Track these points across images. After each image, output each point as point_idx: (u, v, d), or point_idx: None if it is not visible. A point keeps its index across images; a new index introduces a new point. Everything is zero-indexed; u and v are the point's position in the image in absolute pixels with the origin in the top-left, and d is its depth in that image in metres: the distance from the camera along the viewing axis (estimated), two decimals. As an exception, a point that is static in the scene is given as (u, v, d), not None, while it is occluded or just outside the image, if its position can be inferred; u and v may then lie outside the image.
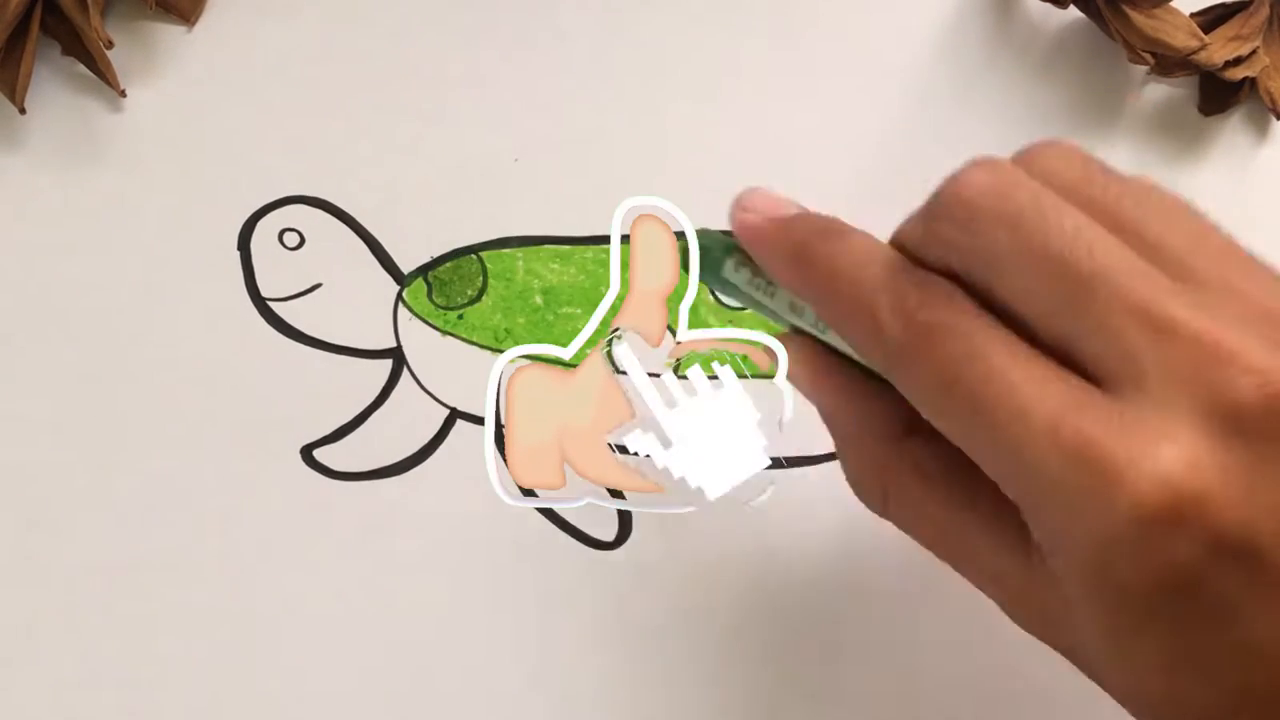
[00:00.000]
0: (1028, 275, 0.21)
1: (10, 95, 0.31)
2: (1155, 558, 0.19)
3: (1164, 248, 0.21)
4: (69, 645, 0.31)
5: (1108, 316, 0.20)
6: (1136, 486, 0.18)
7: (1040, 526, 0.21)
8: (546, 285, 0.33)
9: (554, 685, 0.32)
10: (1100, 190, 0.22)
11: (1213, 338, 0.19)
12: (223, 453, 0.32)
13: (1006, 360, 0.20)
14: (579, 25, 0.33)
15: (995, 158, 0.22)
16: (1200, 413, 0.19)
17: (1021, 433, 0.20)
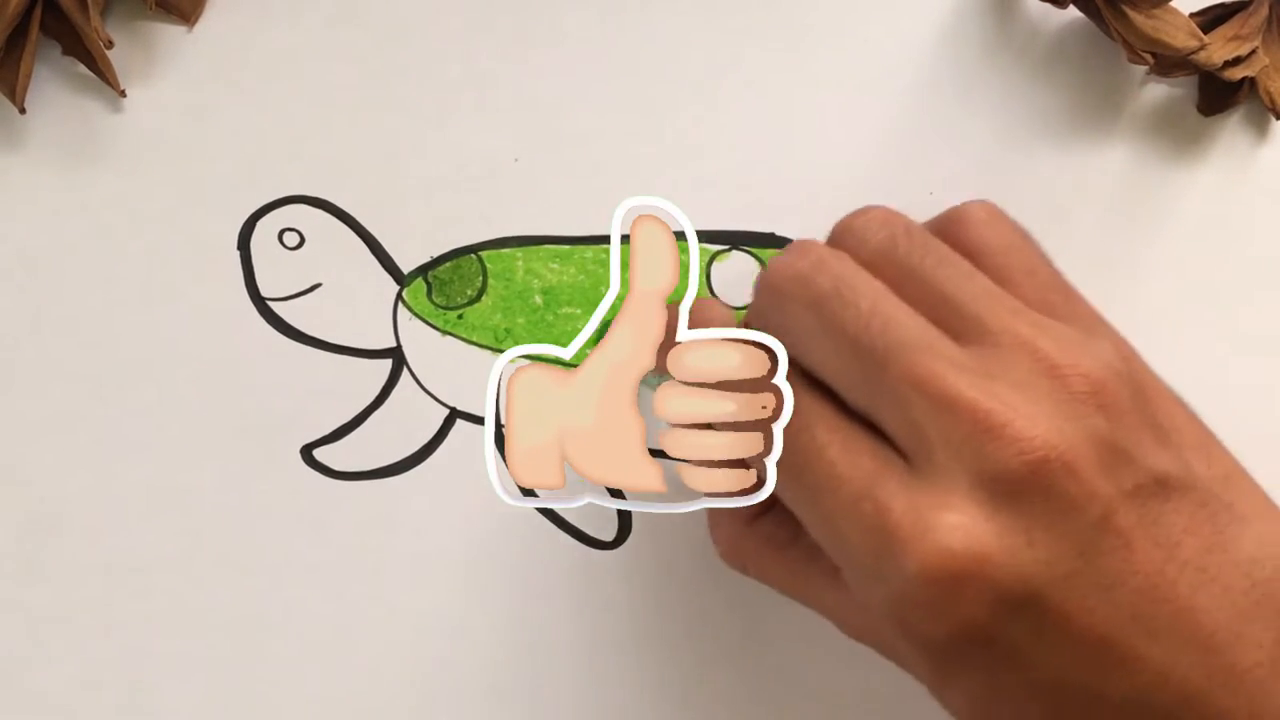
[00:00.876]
0: (832, 354, 0.23)
1: (10, 95, 0.31)
2: (947, 614, 0.21)
3: (959, 307, 0.23)
4: (69, 645, 0.31)
5: (899, 392, 0.22)
6: (921, 551, 0.21)
7: (852, 583, 0.23)
8: (546, 285, 0.33)
9: (553, 685, 0.32)
10: (904, 255, 0.24)
11: (984, 409, 0.21)
12: (223, 453, 0.32)
13: (825, 434, 0.23)
14: (579, 25, 0.33)
15: (808, 242, 0.25)
16: (976, 481, 0.21)
17: (834, 503, 0.22)
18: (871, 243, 0.24)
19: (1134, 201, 0.34)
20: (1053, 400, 0.22)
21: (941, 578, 0.21)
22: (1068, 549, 0.21)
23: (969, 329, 0.23)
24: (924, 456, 0.22)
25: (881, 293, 0.23)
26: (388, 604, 0.32)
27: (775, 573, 0.27)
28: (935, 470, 0.21)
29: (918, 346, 0.22)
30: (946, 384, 0.21)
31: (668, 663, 0.32)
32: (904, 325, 0.22)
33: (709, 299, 0.29)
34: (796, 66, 0.33)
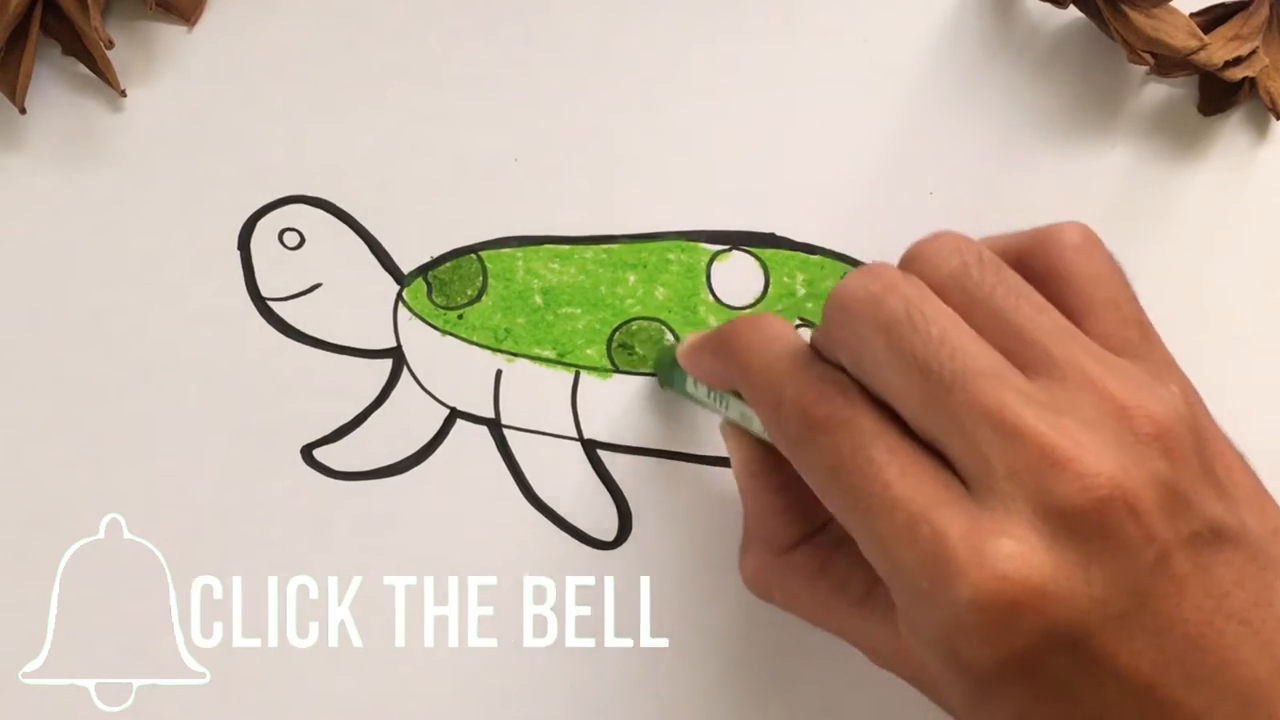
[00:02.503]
0: (899, 377, 0.23)
1: (10, 95, 0.31)
2: (996, 644, 0.21)
3: (1031, 339, 0.23)
4: (70, 645, 0.31)
5: (965, 419, 0.22)
6: (977, 579, 0.21)
7: (901, 607, 0.23)
8: (546, 285, 0.33)
9: (552, 685, 0.32)
10: (975, 284, 0.24)
11: (1050, 442, 0.21)
12: (223, 453, 0.32)
13: (885, 455, 0.23)
14: (579, 25, 0.33)
15: (881, 265, 0.25)
16: (1038, 513, 0.21)
17: (888, 525, 0.22)
18: (944, 269, 0.24)
19: (1134, 201, 0.34)
20: (1118, 440, 0.22)
21: (995, 605, 0.21)
22: (1122, 589, 0.21)
23: (1037, 362, 0.23)
24: (986, 484, 0.22)
25: (952, 320, 0.23)
26: (388, 604, 0.32)
27: (804, 603, 0.27)
28: (996, 498, 0.21)
29: (987, 374, 0.22)
30: (1014, 413, 0.21)
31: (668, 663, 0.32)
32: (973, 354, 0.23)
33: None
34: (797, 66, 0.33)
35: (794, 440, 0.24)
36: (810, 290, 0.33)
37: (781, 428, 0.25)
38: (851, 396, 0.24)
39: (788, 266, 0.33)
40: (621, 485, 0.32)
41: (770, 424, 0.25)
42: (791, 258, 0.33)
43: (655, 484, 0.32)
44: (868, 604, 0.26)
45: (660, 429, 0.33)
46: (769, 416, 0.25)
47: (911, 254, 0.25)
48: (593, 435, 0.32)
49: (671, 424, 0.33)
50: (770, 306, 0.33)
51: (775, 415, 0.25)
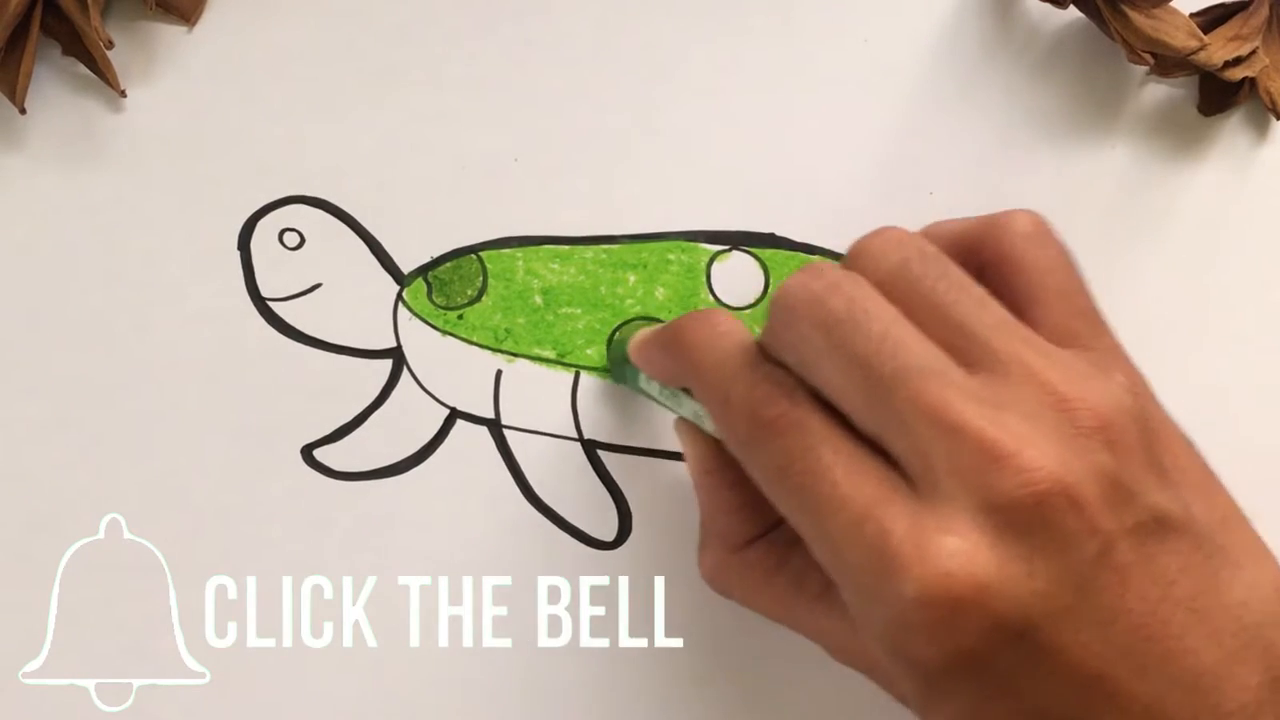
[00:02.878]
0: (842, 376, 0.23)
1: (10, 95, 0.31)
2: (942, 639, 0.21)
3: (973, 334, 0.23)
4: (70, 645, 0.31)
5: (906, 417, 0.22)
6: (921, 576, 0.21)
7: (850, 604, 0.23)
8: (546, 285, 0.33)
9: (552, 685, 0.32)
10: (917, 278, 0.24)
11: (990, 437, 0.21)
12: (223, 453, 0.32)
13: (831, 456, 0.23)
14: (579, 25, 0.33)
15: (823, 263, 0.25)
16: (980, 510, 0.21)
17: (835, 524, 0.22)
18: (885, 265, 0.24)
19: (1134, 201, 0.34)
20: (1059, 433, 0.22)
21: (939, 602, 0.21)
22: (1066, 582, 0.21)
23: (979, 357, 0.23)
24: (929, 482, 0.22)
25: (893, 317, 0.23)
26: (388, 604, 0.32)
27: (761, 599, 0.28)
28: (939, 496, 0.21)
29: (927, 372, 0.22)
30: (954, 411, 0.21)
31: (667, 662, 0.32)
32: (914, 351, 0.23)
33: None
34: (796, 66, 0.33)
35: (742, 441, 0.24)
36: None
37: (730, 428, 0.25)
38: (798, 397, 0.24)
39: (788, 266, 0.33)
40: (621, 485, 0.32)
41: (719, 423, 0.25)
42: (791, 258, 0.33)
43: (655, 484, 0.32)
44: (824, 600, 0.26)
45: (660, 429, 0.33)
46: (718, 416, 0.25)
47: (855, 251, 0.25)
48: (593, 435, 0.32)
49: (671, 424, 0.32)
50: (770, 306, 0.33)
51: (724, 415, 0.25)
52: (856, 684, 0.32)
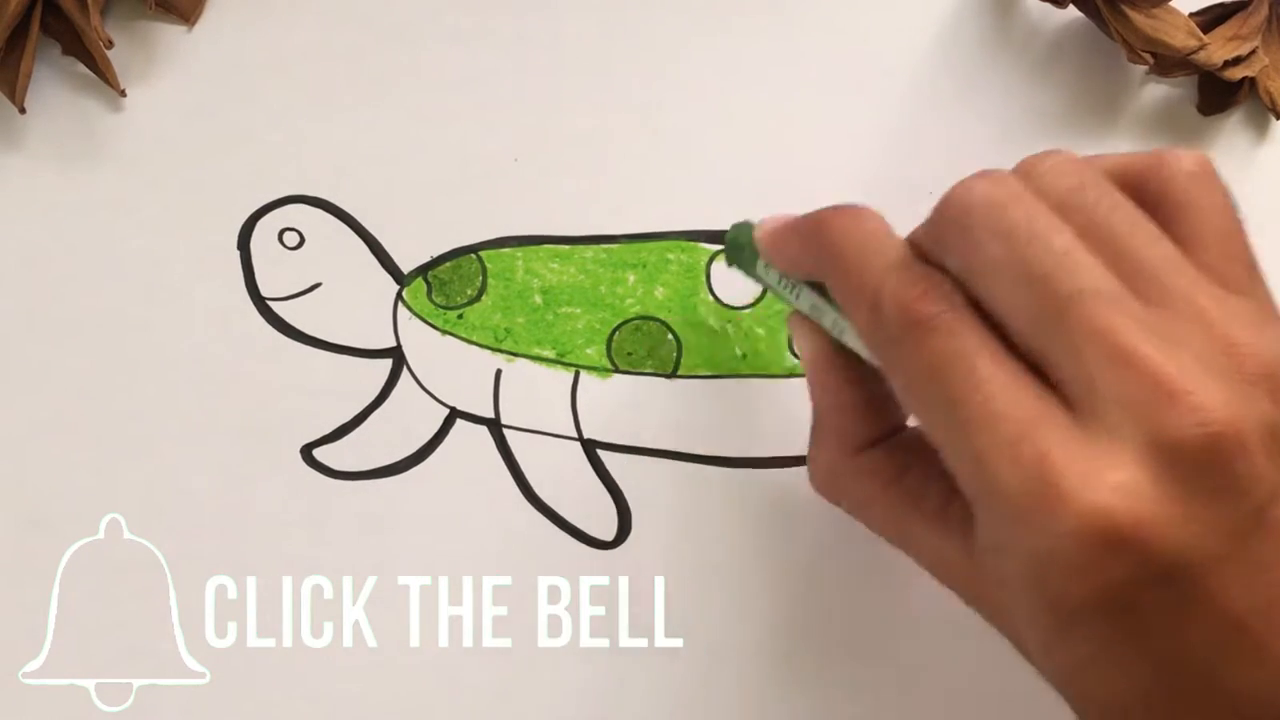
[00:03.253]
0: (1013, 288, 0.22)
1: (10, 95, 0.31)
2: (1091, 576, 0.20)
3: (1145, 268, 0.22)
4: (70, 645, 0.31)
5: (1077, 339, 0.21)
6: (1080, 508, 0.20)
7: (988, 527, 0.22)
8: (546, 285, 0.33)
9: (552, 685, 0.32)
10: (1093, 205, 0.23)
11: (1166, 373, 0.20)
12: (223, 453, 0.32)
13: (988, 366, 0.22)
14: (579, 25, 0.33)
15: (999, 170, 0.23)
16: (1146, 445, 0.20)
17: (987, 440, 0.21)
18: (1061, 186, 0.23)
19: (1134, 201, 0.34)
20: (1228, 377, 0.21)
21: (1097, 537, 0.20)
22: (1224, 529, 0.20)
23: (1149, 291, 0.22)
24: (1092, 410, 0.21)
25: (1073, 237, 0.22)
26: (387, 604, 0.32)
27: (874, 509, 0.26)
28: (1103, 426, 0.21)
29: (1105, 296, 0.21)
30: (1130, 340, 0.21)
31: (667, 662, 0.32)
32: (1093, 273, 0.22)
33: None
34: (796, 66, 0.33)
35: (891, 339, 0.23)
36: (810, 290, 0.33)
37: (878, 325, 0.24)
38: (957, 301, 0.23)
39: (787, 266, 0.33)
40: (621, 485, 0.32)
41: (864, 320, 0.24)
42: (791, 257, 0.33)
43: (655, 484, 0.32)
44: (942, 518, 0.25)
45: (660, 429, 0.33)
46: (863, 312, 0.24)
47: (1026, 168, 0.24)
48: (592, 435, 0.32)
49: (671, 424, 0.33)
50: (770, 306, 0.33)
51: (871, 311, 0.24)
52: (856, 684, 0.32)
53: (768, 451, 0.32)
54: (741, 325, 0.33)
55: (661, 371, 0.33)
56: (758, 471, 0.32)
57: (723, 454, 0.32)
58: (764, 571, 0.32)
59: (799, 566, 0.32)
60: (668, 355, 0.33)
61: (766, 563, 0.32)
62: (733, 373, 0.33)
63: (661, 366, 0.33)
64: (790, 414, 0.33)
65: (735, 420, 0.33)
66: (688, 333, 0.33)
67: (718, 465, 0.32)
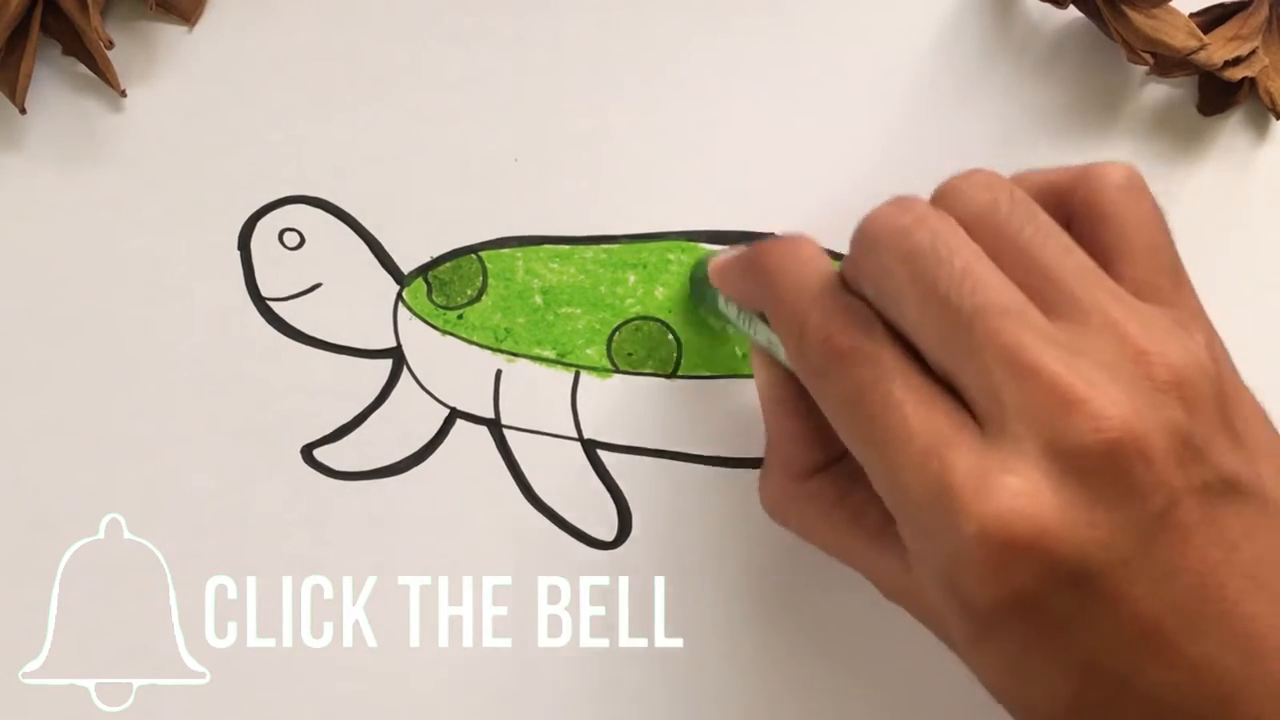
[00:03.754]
0: (920, 309, 0.23)
1: (10, 95, 0.31)
2: (997, 580, 0.21)
3: (1054, 281, 0.23)
4: (70, 645, 0.31)
5: (980, 355, 0.22)
6: (981, 515, 0.21)
7: (907, 538, 0.23)
8: (546, 285, 0.33)
9: (552, 685, 0.32)
10: (1004, 220, 0.24)
11: (1064, 382, 0.21)
12: (223, 453, 0.32)
13: (902, 390, 0.23)
14: (579, 25, 0.33)
15: (909, 196, 0.24)
16: (1047, 453, 0.21)
17: (901, 457, 0.22)
18: (973, 205, 0.24)
19: (1134, 201, 0.34)
20: (1134, 385, 0.21)
21: (998, 542, 0.21)
22: (1128, 533, 0.21)
23: (1060, 304, 0.23)
24: (997, 422, 0.22)
25: (976, 255, 0.23)
26: (387, 604, 0.32)
27: (818, 530, 0.28)
28: (1006, 436, 0.21)
29: (1005, 312, 0.22)
30: (1030, 353, 0.21)
31: (667, 662, 0.32)
32: (995, 289, 0.22)
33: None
34: (796, 66, 0.33)
35: (814, 369, 0.24)
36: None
37: (803, 355, 0.25)
38: (874, 329, 0.24)
39: (788, 266, 0.33)
40: (621, 485, 0.32)
41: (792, 350, 0.25)
42: (791, 258, 0.33)
43: (655, 484, 0.32)
44: (881, 538, 0.26)
45: (660, 429, 0.33)
46: (792, 343, 0.25)
47: (943, 190, 0.25)
48: (592, 435, 0.32)
49: (671, 424, 0.33)
50: (770, 306, 0.33)
51: (798, 342, 0.25)
52: (855, 684, 0.32)
53: (768, 451, 0.32)
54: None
55: (661, 372, 0.33)
56: (758, 472, 0.32)
57: (723, 454, 0.32)
58: (764, 571, 0.32)
59: (799, 567, 0.32)
60: (668, 355, 0.33)
61: (767, 563, 0.32)
62: (733, 373, 0.33)
63: (662, 367, 0.33)
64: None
65: (735, 420, 0.33)
66: (688, 333, 0.33)
67: (718, 465, 0.32)
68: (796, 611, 0.32)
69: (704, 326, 0.33)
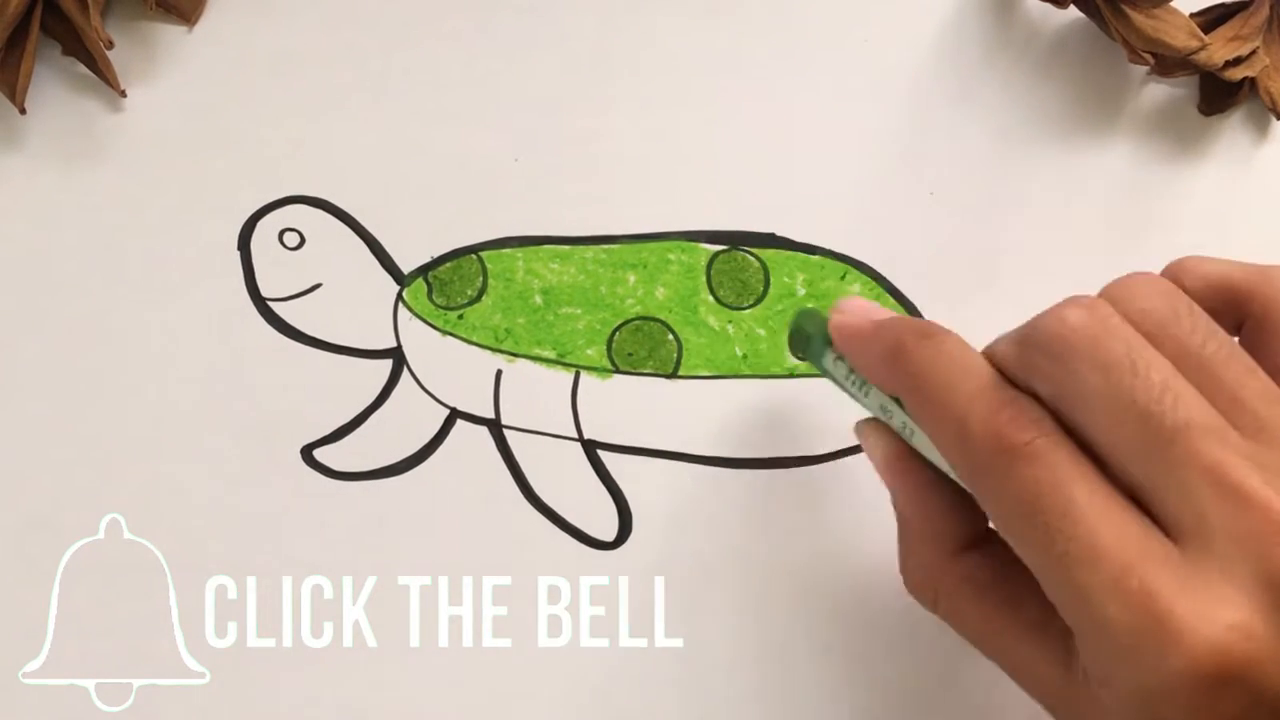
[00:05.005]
0: (1114, 420, 0.22)
1: (10, 95, 0.31)
2: (1204, 713, 0.20)
3: (1241, 399, 0.22)
4: (70, 645, 0.31)
5: (1184, 473, 0.21)
6: (1193, 646, 0.20)
7: (1093, 659, 0.22)
8: (546, 285, 0.33)
9: (552, 685, 0.32)
10: (1187, 334, 0.23)
11: (1277, 508, 0.20)
12: (223, 453, 0.32)
13: (1087, 497, 0.22)
14: (579, 25, 0.33)
15: (1089, 297, 0.24)
16: (1259, 581, 0.20)
17: (1091, 575, 0.21)
18: (1154, 315, 0.23)
19: (1134, 201, 0.34)
20: None
21: (1208, 676, 0.20)
22: None
23: (1246, 424, 0.22)
24: (1200, 544, 0.21)
25: (1172, 370, 0.22)
26: (387, 604, 0.32)
27: (970, 615, 0.26)
28: (1212, 560, 0.21)
29: (1209, 430, 0.21)
30: (1239, 475, 0.21)
31: (667, 663, 0.32)
32: (1195, 406, 0.22)
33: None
34: (796, 66, 0.33)
35: (982, 466, 0.23)
36: (810, 290, 0.33)
37: (966, 451, 0.23)
38: (1047, 426, 0.23)
39: (788, 267, 0.33)
40: (621, 485, 0.32)
41: (952, 448, 0.24)
42: (791, 258, 0.33)
43: (655, 484, 0.32)
44: (1040, 631, 0.24)
45: (660, 429, 0.33)
46: (950, 437, 0.24)
47: (1115, 293, 0.24)
48: (593, 435, 0.32)
49: (671, 424, 0.33)
50: (770, 306, 0.33)
51: (959, 439, 0.23)
52: (855, 684, 0.32)
53: (768, 452, 0.32)
54: (741, 325, 0.33)
55: (661, 372, 0.33)
56: (758, 472, 0.32)
57: (723, 454, 0.32)
58: (764, 571, 0.32)
59: (799, 566, 0.32)
60: (668, 355, 0.33)
61: (766, 563, 0.32)
62: (733, 373, 0.33)
63: (662, 367, 0.33)
64: (790, 414, 0.33)
65: (735, 420, 0.33)
66: (688, 333, 0.33)
67: (718, 465, 0.32)
68: (796, 611, 0.32)
69: (704, 326, 0.33)
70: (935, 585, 0.26)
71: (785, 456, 0.32)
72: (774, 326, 0.33)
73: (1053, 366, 0.23)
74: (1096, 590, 0.21)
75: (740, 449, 0.32)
